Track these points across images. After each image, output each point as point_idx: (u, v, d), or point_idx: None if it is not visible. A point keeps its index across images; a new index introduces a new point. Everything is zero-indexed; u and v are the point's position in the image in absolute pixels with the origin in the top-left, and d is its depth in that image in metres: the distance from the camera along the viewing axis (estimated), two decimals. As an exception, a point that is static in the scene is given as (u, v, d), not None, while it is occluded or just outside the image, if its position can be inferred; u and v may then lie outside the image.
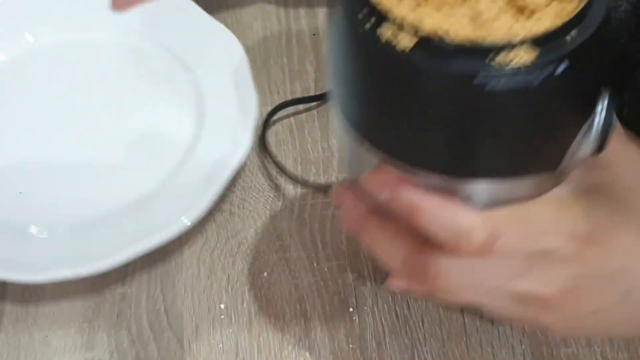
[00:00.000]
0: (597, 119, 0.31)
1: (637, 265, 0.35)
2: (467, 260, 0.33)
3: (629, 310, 0.36)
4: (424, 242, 0.34)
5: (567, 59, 0.27)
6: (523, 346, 0.47)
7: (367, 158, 0.33)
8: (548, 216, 0.33)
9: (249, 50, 0.59)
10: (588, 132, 0.31)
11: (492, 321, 0.48)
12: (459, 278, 0.34)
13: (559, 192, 0.34)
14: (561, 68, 0.27)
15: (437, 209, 0.32)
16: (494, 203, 0.32)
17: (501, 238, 0.32)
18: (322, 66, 0.60)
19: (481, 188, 0.32)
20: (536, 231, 0.33)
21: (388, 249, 0.36)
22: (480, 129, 0.29)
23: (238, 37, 0.57)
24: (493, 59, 0.27)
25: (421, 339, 0.48)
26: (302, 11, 0.64)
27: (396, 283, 0.37)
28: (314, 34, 0.62)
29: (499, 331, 0.48)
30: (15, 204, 0.52)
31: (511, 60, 0.27)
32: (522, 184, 0.32)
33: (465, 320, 0.48)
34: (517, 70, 0.27)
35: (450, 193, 0.32)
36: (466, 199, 0.32)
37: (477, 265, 0.34)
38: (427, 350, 0.47)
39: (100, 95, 0.58)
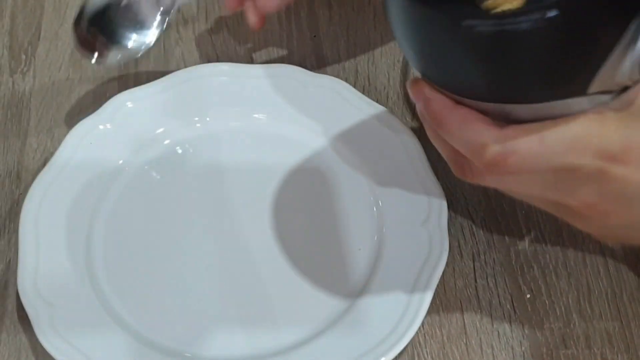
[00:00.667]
0: (638, 41, 0.32)
1: None
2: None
3: None
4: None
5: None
6: (523, 347, 0.47)
7: None
8: (573, 133, 0.33)
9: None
10: (628, 52, 0.32)
11: (492, 322, 0.48)
12: (495, 184, 0.37)
13: (603, 110, 0.34)
14: (551, 13, 0.30)
15: (458, 124, 0.34)
16: (531, 121, 0.34)
17: (515, 154, 0.33)
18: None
19: (512, 109, 0.34)
20: (555, 148, 0.33)
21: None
22: (487, 65, 0.32)
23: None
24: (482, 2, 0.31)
25: (421, 340, 0.48)
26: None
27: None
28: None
29: (498, 332, 0.48)
30: (175, 331, 0.48)
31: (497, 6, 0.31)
32: (555, 106, 0.34)
33: (466, 321, 0.48)
34: (502, 15, 0.31)
35: (486, 113, 0.34)
36: (504, 118, 0.34)
37: (506, 178, 0.35)
38: (427, 352, 0.47)
39: (267, 195, 0.53)
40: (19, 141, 0.57)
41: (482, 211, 0.53)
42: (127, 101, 0.56)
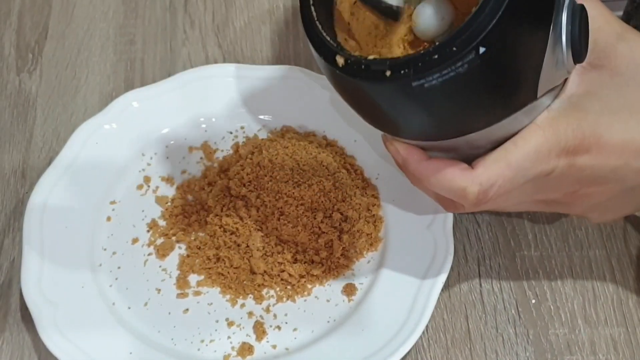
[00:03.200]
0: (562, 37, 0.35)
1: (632, 159, 0.38)
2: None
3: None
4: None
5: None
6: (527, 353, 0.47)
7: None
8: (532, 146, 0.37)
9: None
10: (556, 49, 0.35)
11: (496, 327, 0.48)
12: (484, 209, 0.42)
13: (547, 115, 0.37)
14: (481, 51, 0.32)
15: (434, 176, 0.38)
16: (498, 140, 0.37)
17: (493, 187, 0.37)
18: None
19: (478, 137, 0.37)
20: (523, 165, 0.37)
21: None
22: (437, 112, 0.35)
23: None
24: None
25: (425, 344, 0.47)
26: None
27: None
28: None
29: (503, 338, 0.48)
30: (177, 331, 0.48)
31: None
32: (513, 120, 0.36)
33: (470, 326, 0.48)
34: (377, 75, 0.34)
35: (452, 150, 0.38)
36: (471, 148, 0.38)
37: (492, 203, 0.39)
38: (430, 356, 0.47)
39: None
40: (24, 140, 0.57)
41: (487, 215, 0.53)
42: (133, 101, 0.56)
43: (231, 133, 0.56)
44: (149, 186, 0.54)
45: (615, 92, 0.38)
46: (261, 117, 0.57)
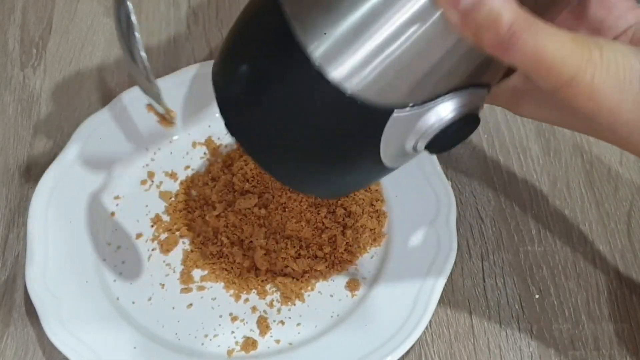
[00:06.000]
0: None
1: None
2: None
3: None
4: None
5: None
6: (531, 348, 0.47)
7: None
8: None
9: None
10: None
11: (500, 322, 0.48)
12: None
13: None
14: None
15: None
16: None
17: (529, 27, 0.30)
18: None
19: None
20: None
21: None
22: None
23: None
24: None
25: (428, 339, 0.48)
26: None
27: None
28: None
29: (506, 333, 0.48)
30: (181, 326, 0.48)
31: None
32: None
33: (473, 321, 0.48)
34: None
35: None
36: None
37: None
38: (434, 351, 0.47)
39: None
40: (28, 135, 0.57)
41: (491, 211, 0.53)
42: (137, 96, 0.56)
43: (235, 128, 0.56)
44: (152, 181, 0.54)
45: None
46: None
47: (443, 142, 0.34)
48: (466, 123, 0.34)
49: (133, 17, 0.39)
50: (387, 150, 0.34)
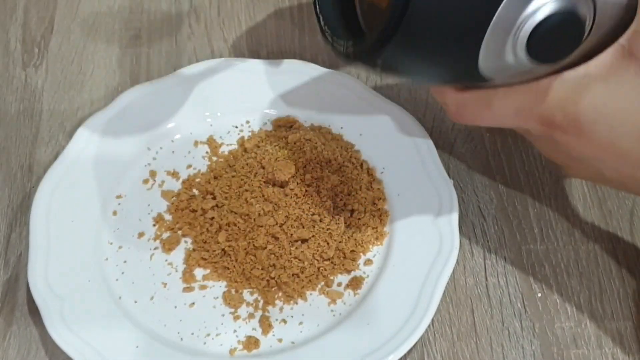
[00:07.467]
0: (518, 28, 0.35)
1: (610, 160, 0.39)
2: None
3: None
4: None
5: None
6: (533, 347, 0.47)
7: None
8: (517, 104, 0.39)
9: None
10: (507, 38, 0.35)
11: (502, 321, 0.48)
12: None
13: (548, 81, 0.38)
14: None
15: (437, 92, 0.43)
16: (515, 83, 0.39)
17: (465, 110, 0.41)
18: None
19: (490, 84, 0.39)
20: (503, 112, 0.40)
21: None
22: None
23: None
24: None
25: (430, 338, 0.48)
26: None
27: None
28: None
29: (509, 331, 0.48)
30: (184, 325, 0.48)
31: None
32: (504, 78, 0.38)
33: (476, 320, 0.48)
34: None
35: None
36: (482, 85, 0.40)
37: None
38: (436, 350, 0.47)
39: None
40: (30, 134, 0.57)
41: (493, 209, 0.53)
42: (139, 95, 0.56)
43: (236, 127, 0.56)
44: (154, 180, 0.54)
45: (630, 89, 0.36)
46: (266, 111, 0.57)
47: (543, 45, 0.34)
48: (565, 22, 0.34)
49: None
50: (490, 45, 0.35)
